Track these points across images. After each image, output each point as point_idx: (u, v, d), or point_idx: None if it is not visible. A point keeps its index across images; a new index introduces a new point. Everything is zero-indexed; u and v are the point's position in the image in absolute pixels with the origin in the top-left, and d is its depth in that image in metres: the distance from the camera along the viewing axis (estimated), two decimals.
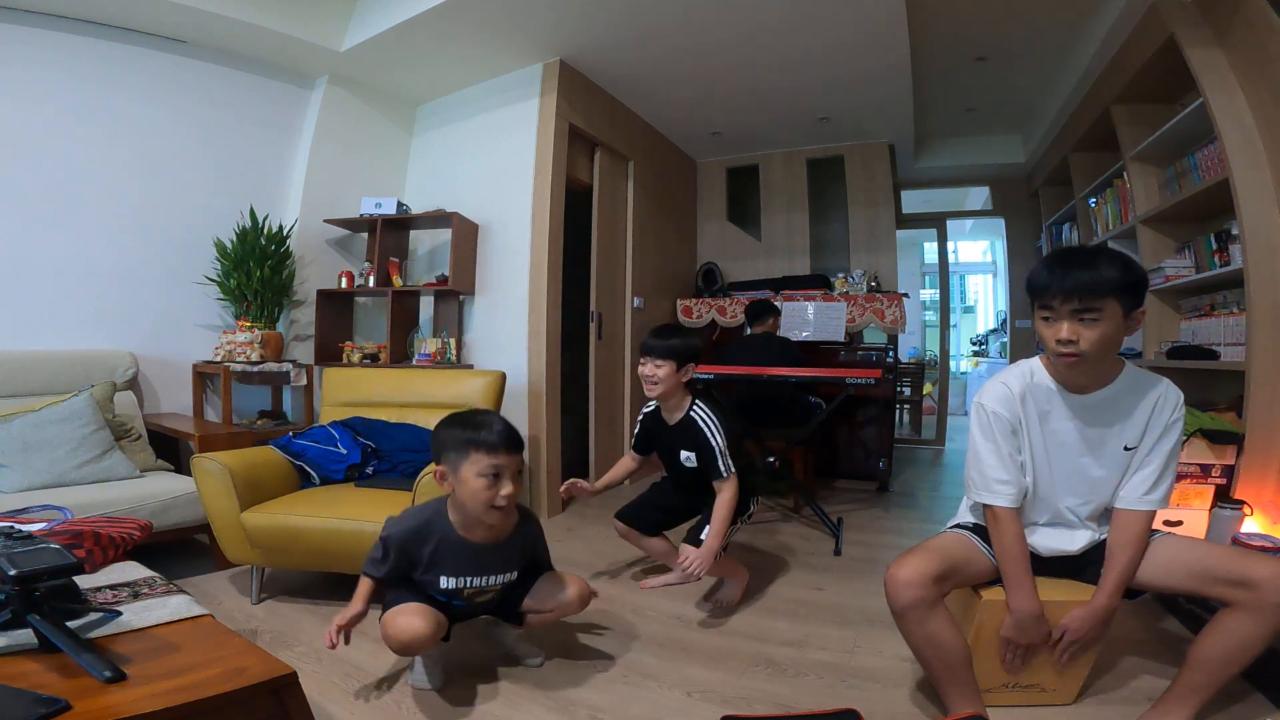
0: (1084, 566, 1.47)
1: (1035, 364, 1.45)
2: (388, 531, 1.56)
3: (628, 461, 2.29)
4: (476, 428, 1.46)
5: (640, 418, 2.23)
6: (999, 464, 1.42)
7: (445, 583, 1.54)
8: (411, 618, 1.46)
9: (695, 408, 2.06)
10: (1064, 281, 1.26)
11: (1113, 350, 1.32)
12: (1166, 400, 1.36)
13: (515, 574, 1.63)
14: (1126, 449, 1.38)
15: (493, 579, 1.59)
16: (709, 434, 2.01)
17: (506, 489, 1.45)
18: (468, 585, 1.56)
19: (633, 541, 2.25)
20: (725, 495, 1.98)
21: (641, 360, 2.08)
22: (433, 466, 1.93)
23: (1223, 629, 1.27)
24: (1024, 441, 1.43)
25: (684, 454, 2.08)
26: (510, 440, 1.47)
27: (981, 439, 1.45)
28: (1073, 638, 1.38)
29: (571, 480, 2.14)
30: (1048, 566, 1.47)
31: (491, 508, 1.45)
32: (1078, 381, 1.38)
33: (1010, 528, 1.40)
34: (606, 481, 2.23)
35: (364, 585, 1.56)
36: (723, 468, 1.97)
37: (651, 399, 2.12)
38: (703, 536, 1.95)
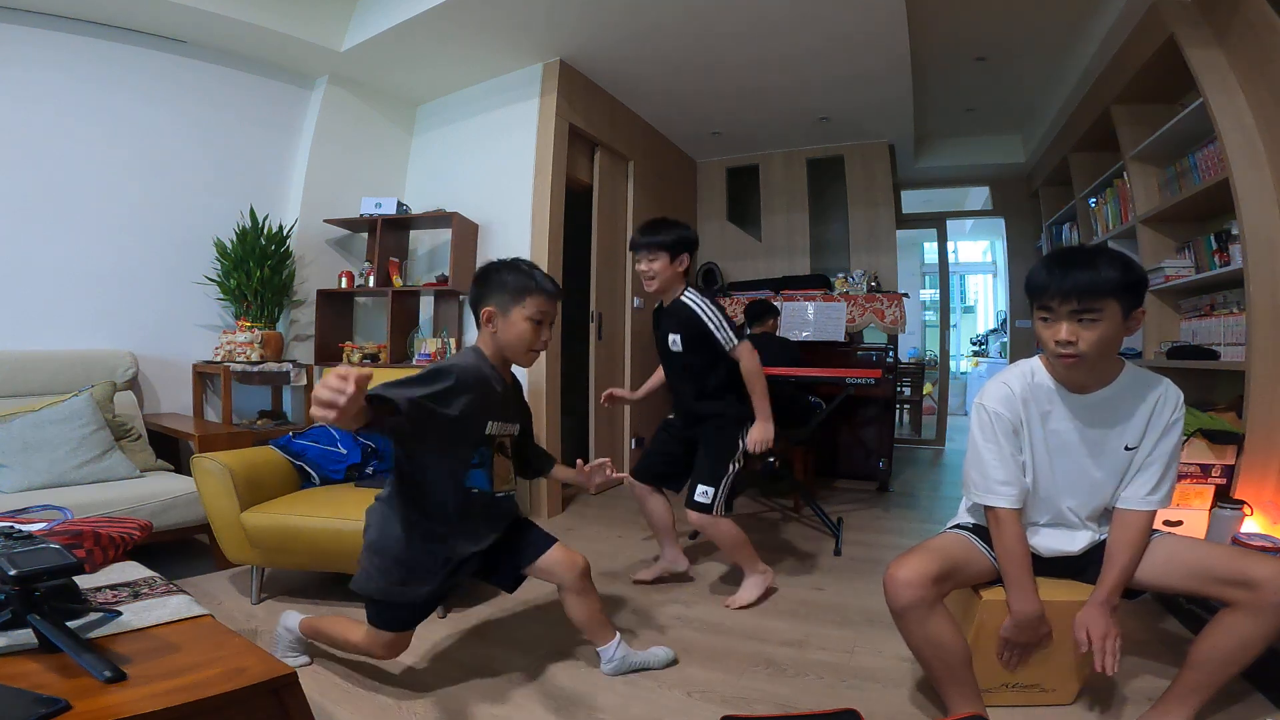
0: (1084, 567, 1.47)
1: (1036, 364, 1.45)
2: (441, 366, 1.41)
3: (660, 370, 2.33)
4: (530, 273, 1.51)
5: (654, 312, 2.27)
6: (1000, 465, 1.41)
7: (490, 427, 1.51)
8: (395, 649, 1.53)
9: (687, 291, 2.09)
10: (1063, 282, 1.25)
11: (1112, 351, 1.32)
12: (1167, 400, 1.36)
13: (523, 423, 1.68)
14: (1127, 449, 1.38)
15: (514, 426, 1.62)
16: (698, 310, 2.02)
17: (547, 335, 1.53)
18: (504, 429, 1.57)
19: (641, 504, 2.29)
20: (746, 365, 2.02)
21: (635, 259, 2.10)
22: None
23: (1223, 629, 1.27)
24: (1025, 442, 1.43)
25: (672, 336, 2.10)
26: (559, 288, 1.56)
27: (982, 439, 1.45)
28: (1100, 633, 1.33)
29: (609, 391, 2.23)
30: (1049, 567, 1.47)
31: (530, 350, 1.52)
32: (1078, 382, 1.38)
33: (1011, 529, 1.40)
34: (646, 390, 2.31)
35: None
36: (722, 338, 2.01)
37: (650, 293, 2.13)
38: (696, 496, 2.04)
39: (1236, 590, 1.25)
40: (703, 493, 2.05)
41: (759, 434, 2.03)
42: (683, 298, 2.08)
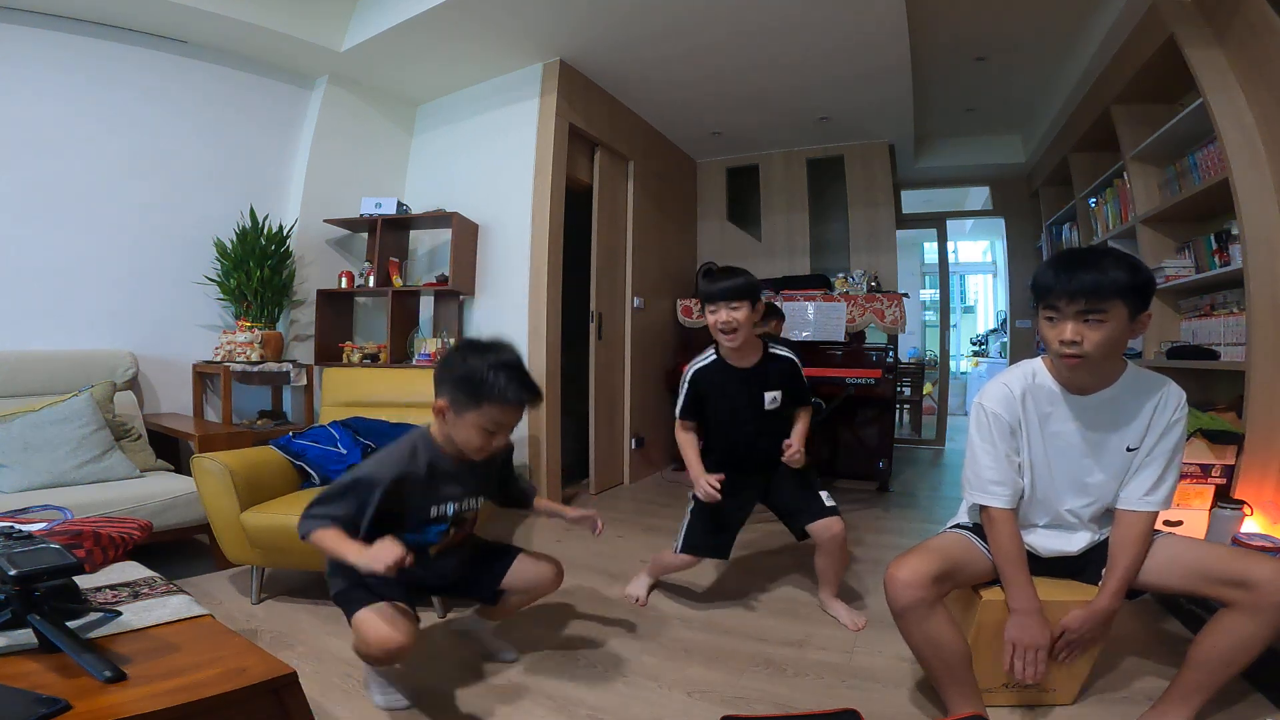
0: (1083, 567, 1.47)
1: (1038, 365, 1.45)
2: (367, 473, 1.37)
3: (687, 434, 2.07)
4: (494, 378, 1.34)
5: (692, 373, 2.03)
6: (995, 465, 1.41)
7: (436, 510, 1.45)
8: (387, 626, 1.33)
9: (773, 346, 2.03)
10: (1070, 283, 1.24)
11: (1116, 353, 1.31)
12: (1168, 400, 1.36)
13: (485, 496, 1.60)
14: (1129, 450, 1.38)
15: (475, 500, 1.53)
16: (795, 360, 2.02)
17: (500, 440, 1.41)
18: (458, 508, 1.49)
19: (676, 567, 2.14)
20: (805, 416, 2.06)
21: (711, 309, 1.90)
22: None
23: (1222, 629, 1.27)
24: (1023, 443, 1.43)
25: (769, 395, 1.98)
26: (524, 399, 1.38)
27: (979, 439, 1.45)
28: (1072, 637, 1.37)
29: (701, 486, 1.93)
30: (1047, 567, 1.47)
31: (480, 451, 1.40)
32: (1080, 383, 1.38)
33: (1005, 528, 1.40)
34: (696, 465, 2.01)
35: (337, 537, 1.29)
36: (808, 392, 2.05)
37: (731, 346, 1.94)
38: (828, 503, 2.01)
39: (1235, 591, 1.25)
40: (828, 496, 2.03)
41: (797, 448, 1.99)
42: (777, 351, 2.02)
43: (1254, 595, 1.22)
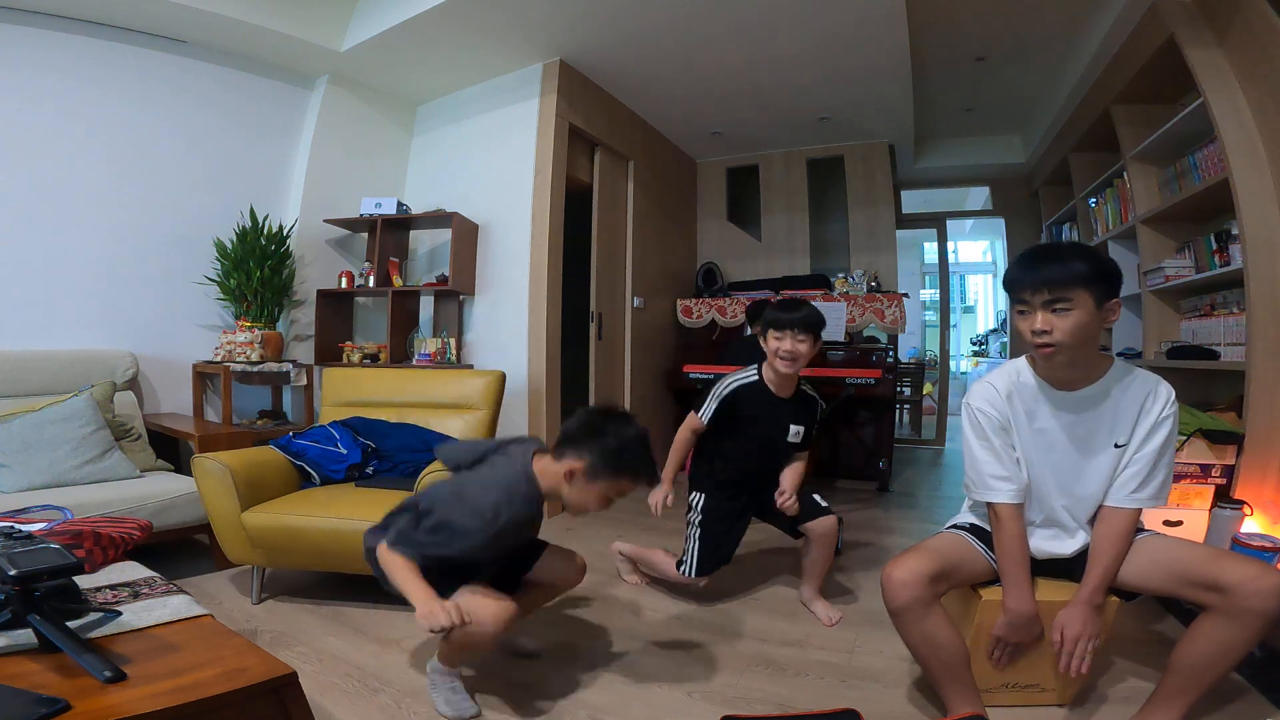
0: (1075, 569, 1.46)
1: (1022, 364, 1.46)
2: (462, 526, 1.32)
3: (689, 435, 2.14)
4: (638, 458, 1.38)
5: (732, 387, 2.07)
6: (994, 460, 1.42)
7: (507, 549, 1.49)
8: (494, 600, 1.35)
9: (804, 385, 2.11)
10: (1035, 275, 1.30)
11: (1090, 342, 1.32)
12: (1156, 396, 1.36)
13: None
14: (1117, 446, 1.38)
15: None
16: (821, 405, 2.10)
17: (606, 505, 1.43)
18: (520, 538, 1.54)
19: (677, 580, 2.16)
20: (804, 458, 2.11)
21: (777, 335, 1.96)
22: (436, 465, 1.90)
23: (1201, 634, 1.25)
24: (1015, 440, 1.44)
25: (794, 428, 2.07)
26: (653, 478, 1.47)
27: (974, 439, 1.45)
28: (1073, 634, 1.34)
29: (656, 497, 2.03)
30: (1040, 568, 1.47)
31: (584, 512, 1.44)
32: (1060, 376, 1.39)
33: (1011, 526, 1.40)
34: (675, 467, 2.13)
35: (409, 571, 1.32)
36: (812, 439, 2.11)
37: (785, 374, 2.01)
38: (823, 503, 2.10)
39: (1210, 594, 1.24)
40: (821, 498, 2.11)
41: (792, 488, 2.07)
42: (807, 390, 2.10)
43: (1229, 599, 1.20)
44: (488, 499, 1.34)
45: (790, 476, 2.07)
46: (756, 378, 2.08)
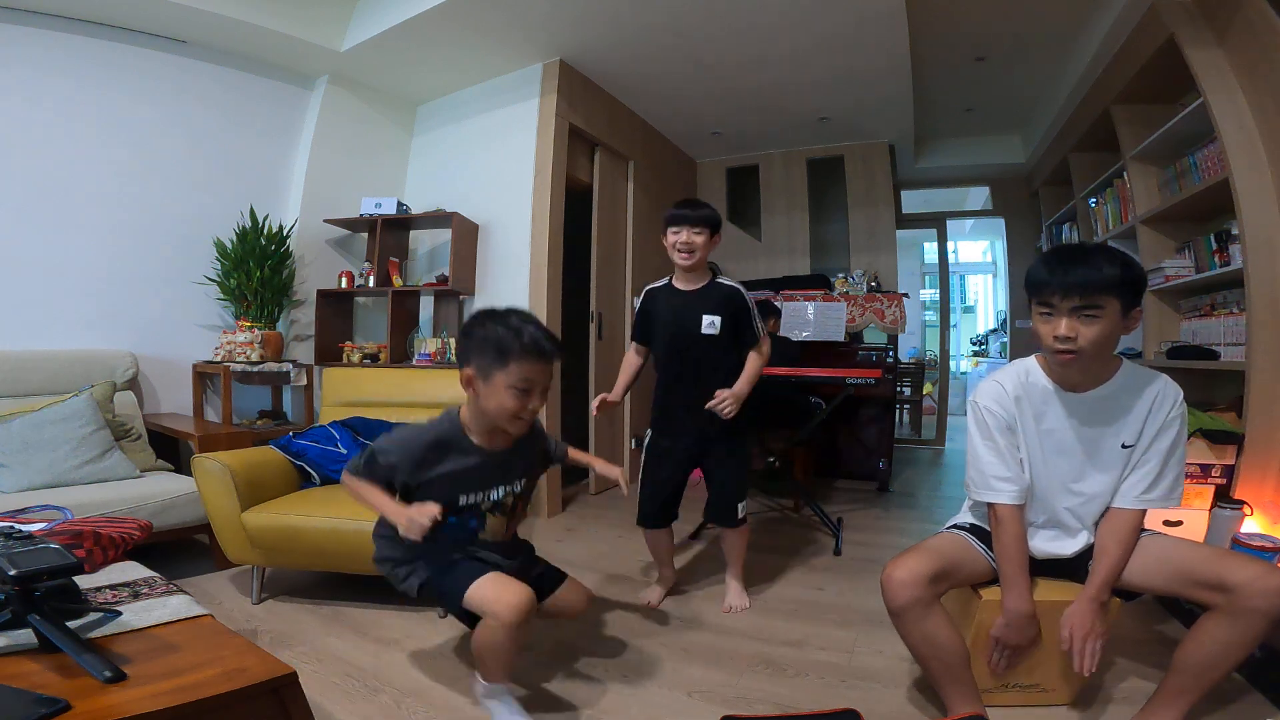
0: (1077, 569, 1.46)
1: (1031, 363, 1.45)
2: (390, 446, 1.38)
3: (633, 356, 2.20)
4: (519, 332, 1.34)
5: (639, 302, 2.16)
6: (998, 461, 1.41)
7: (466, 499, 1.43)
8: (511, 587, 1.33)
9: (721, 277, 2.07)
10: (1065, 278, 1.25)
11: (1110, 349, 1.32)
12: (1165, 397, 1.35)
13: (528, 478, 1.56)
14: (1124, 447, 1.38)
15: (516, 484, 1.51)
16: (743, 292, 2.04)
17: (535, 404, 1.37)
18: (491, 497, 1.46)
19: (652, 543, 2.21)
20: (756, 356, 2.04)
21: (674, 229, 1.99)
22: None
23: (1204, 633, 1.25)
24: (1020, 441, 1.43)
25: (706, 319, 2.01)
26: (553, 351, 1.38)
27: (979, 437, 1.45)
28: (1081, 634, 1.33)
29: (601, 398, 2.09)
30: (1041, 568, 1.47)
31: (516, 418, 1.37)
32: (1073, 380, 1.38)
33: (1011, 527, 1.40)
34: (623, 385, 2.18)
35: (374, 491, 1.36)
36: (758, 326, 2.03)
37: (684, 268, 2.03)
38: (739, 514, 2.05)
39: (1214, 594, 1.23)
40: (742, 508, 2.08)
41: (731, 395, 1.95)
42: (722, 280, 2.07)
43: (1232, 599, 1.20)
44: (409, 434, 1.43)
45: (742, 377, 2.00)
46: (666, 280, 2.11)
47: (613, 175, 3.93)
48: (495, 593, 1.33)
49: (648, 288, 2.16)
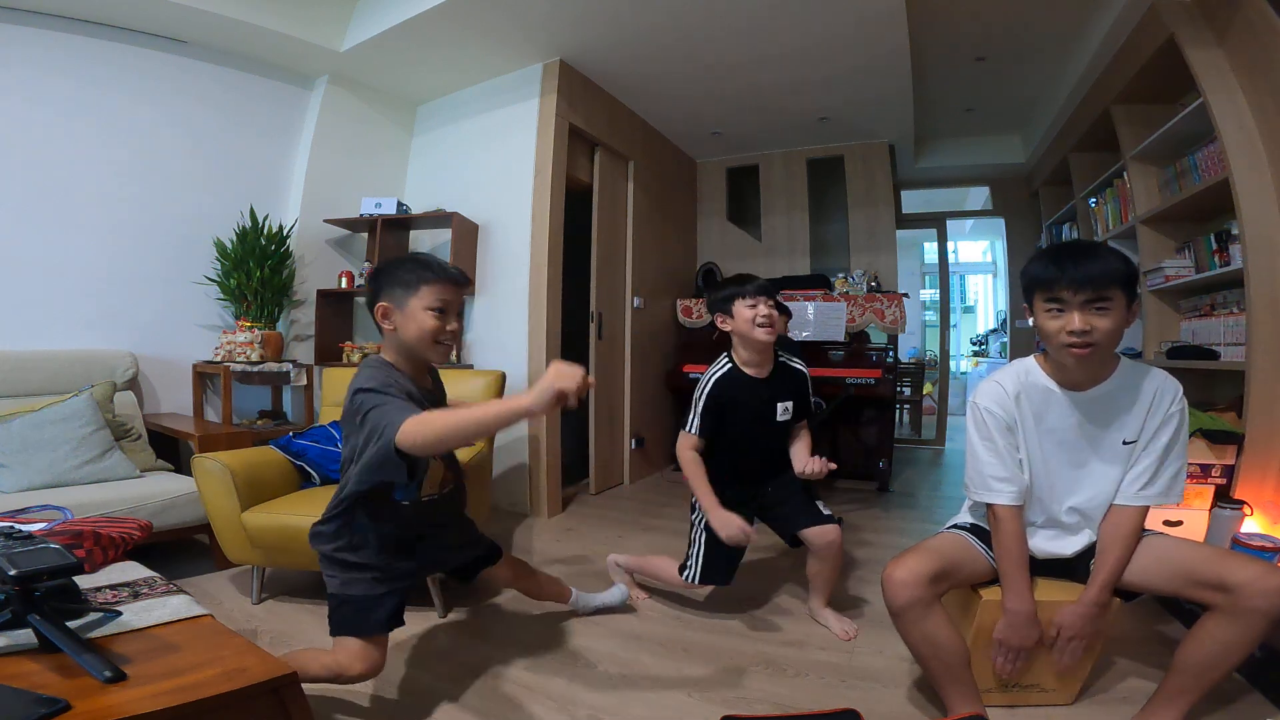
0: (1076, 568, 1.46)
1: (1030, 363, 1.45)
2: (375, 382, 1.29)
3: (692, 454, 1.91)
4: (425, 264, 1.41)
5: (708, 387, 1.91)
6: (997, 461, 1.41)
7: None
8: (370, 656, 1.38)
9: (783, 356, 1.99)
10: (1076, 272, 1.25)
11: (1118, 342, 1.32)
12: (1165, 391, 1.36)
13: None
14: (1126, 443, 1.38)
15: None
16: (807, 374, 1.98)
17: (453, 324, 1.42)
18: None
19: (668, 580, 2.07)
20: (805, 432, 2.00)
21: (750, 303, 1.85)
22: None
23: (1205, 633, 1.25)
24: (1020, 441, 1.43)
25: (781, 406, 1.93)
26: (458, 274, 1.45)
27: (978, 438, 1.45)
28: (1069, 634, 1.37)
29: (724, 527, 1.78)
30: (1041, 568, 1.47)
31: (436, 343, 1.40)
32: (1075, 378, 1.38)
33: (1009, 527, 1.40)
34: (706, 490, 1.87)
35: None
36: (813, 401, 1.99)
37: (765, 344, 1.87)
38: (825, 512, 1.96)
39: (1215, 594, 1.24)
40: (824, 505, 1.99)
41: (820, 464, 1.90)
42: (788, 362, 1.98)
43: (1233, 599, 1.20)
44: (363, 375, 1.34)
45: (803, 445, 1.97)
46: (729, 365, 1.94)
47: (613, 175, 3.93)
48: (355, 659, 1.37)
49: (711, 380, 1.92)
